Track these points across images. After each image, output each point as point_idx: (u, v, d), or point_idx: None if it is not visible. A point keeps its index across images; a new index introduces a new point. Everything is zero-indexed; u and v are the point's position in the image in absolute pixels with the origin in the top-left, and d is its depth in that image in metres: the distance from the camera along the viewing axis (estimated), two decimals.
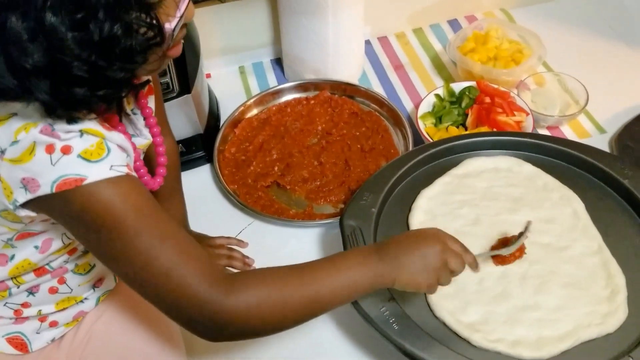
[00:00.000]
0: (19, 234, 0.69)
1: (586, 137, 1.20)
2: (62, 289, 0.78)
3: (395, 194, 0.98)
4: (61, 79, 0.54)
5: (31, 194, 0.59)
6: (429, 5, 1.44)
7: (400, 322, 0.79)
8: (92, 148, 0.59)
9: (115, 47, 0.54)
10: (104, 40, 0.53)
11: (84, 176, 0.58)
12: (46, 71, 0.53)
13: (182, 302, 0.63)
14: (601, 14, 1.48)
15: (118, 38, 0.54)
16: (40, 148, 0.58)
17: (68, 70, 0.53)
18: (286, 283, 0.66)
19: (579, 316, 0.82)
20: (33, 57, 0.52)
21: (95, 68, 0.54)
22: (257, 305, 0.64)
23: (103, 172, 0.59)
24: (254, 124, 1.25)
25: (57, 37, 0.51)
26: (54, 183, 0.58)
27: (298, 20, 1.22)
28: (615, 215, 0.94)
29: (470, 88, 1.19)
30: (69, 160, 0.58)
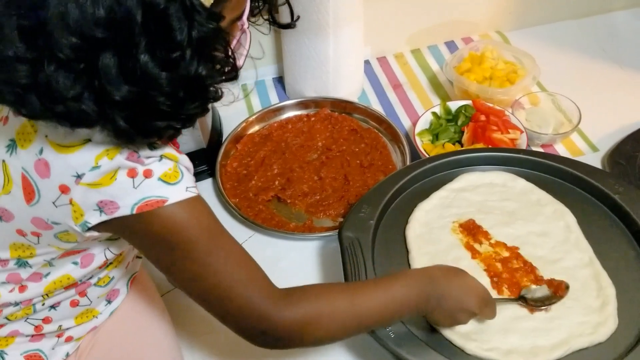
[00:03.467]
0: (64, 252, 0.70)
1: (579, 155, 1.23)
2: (82, 301, 0.79)
3: (392, 207, 1.00)
4: (144, 111, 0.57)
5: (107, 215, 0.62)
6: (427, 28, 1.48)
7: (396, 331, 0.81)
8: (170, 171, 0.62)
9: (200, 85, 0.58)
10: (192, 79, 0.56)
11: (166, 197, 0.61)
12: (131, 104, 0.55)
13: (245, 316, 0.67)
14: (593, 36, 1.52)
15: (204, 77, 0.57)
16: (123, 172, 0.61)
17: (153, 104, 0.56)
18: (338, 301, 0.70)
19: (571, 326, 0.84)
20: (122, 90, 0.54)
21: (178, 103, 0.57)
22: (310, 320, 0.68)
23: (181, 194, 0.62)
24: (256, 139, 1.28)
25: (150, 75, 0.54)
26: (135, 205, 0.61)
27: (300, 39, 1.26)
28: (606, 229, 0.97)
29: (466, 106, 1.22)
30: (151, 183, 0.61)
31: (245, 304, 0.66)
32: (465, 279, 0.78)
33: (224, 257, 0.65)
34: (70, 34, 0.51)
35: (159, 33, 0.53)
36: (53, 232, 0.66)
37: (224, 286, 0.65)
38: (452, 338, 0.83)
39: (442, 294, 0.75)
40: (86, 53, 0.52)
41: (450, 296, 0.76)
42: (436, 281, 0.75)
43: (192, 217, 0.63)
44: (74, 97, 0.54)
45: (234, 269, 0.66)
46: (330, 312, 0.69)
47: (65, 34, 0.51)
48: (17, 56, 0.53)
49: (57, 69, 0.53)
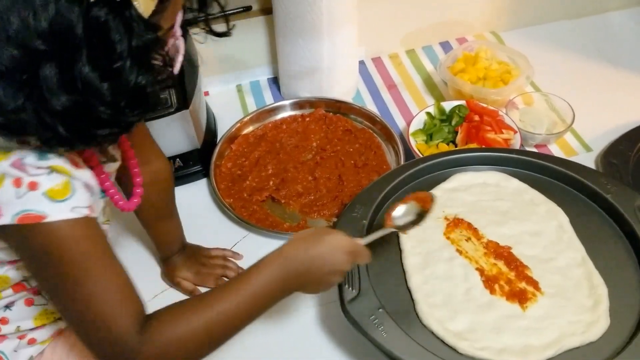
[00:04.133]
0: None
1: (573, 155, 1.23)
2: (37, 300, 0.78)
3: (386, 207, 1.00)
4: (85, 120, 0.57)
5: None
6: (422, 28, 1.49)
7: (389, 330, 0.81)
8: (57, 188, 0.62)
9: (141, 93, 0.59)
10: (133, 88, 0.57)
11: (45, 214, 0.60)
12: (72, 113, 0.56)
13: (106, 349, 0.65)
14: (587, 37, 1.52)
15: (144, 85, 0.58)
16: (9, 180, 0.60)
17: (94, 114, 0.57)
18: (195, 317, 0.67)
19: (563, 325, 0.85)
20: (63, 100, 0.55)
21: (119, 112, 0.58)
22: (170, 347, 0.66)
23: (64, 213, 0.61)
24: (250, 140, 1.28)
25: (91, 86, 0.55)
26: (15, 215, 0.60)
27: (294, 40, 1.26)
28: (598, 228, 0.97)
29: (460, 107, 1.23)
30: (34, 196, 0.60)
31: (108, 337, 0.64)
32: (322, 245, 0.74)
33: (96, 286, 0.63)
34: (11, 45, 0.52)
35: (99, 44, 0.54)
36: None
37: (91, 315, 0.64)
38: (445, 337, 0.83)
39: (303, 269, 0.73)
40: (27, 64, 0.53)
41: (313, 267, 0.74)
42: (293, 260, 0.73)
43: (71, 238, 0.62)
44: (14, 108, 0.55)
45: (104, 300, 0.64)
46: (189, 331, 0.66)
47: (6, 45, 0.52)
48: None
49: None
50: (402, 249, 0.95)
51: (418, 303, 0.87)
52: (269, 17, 1.34)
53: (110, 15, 0.54)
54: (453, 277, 0.90)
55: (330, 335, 0.96)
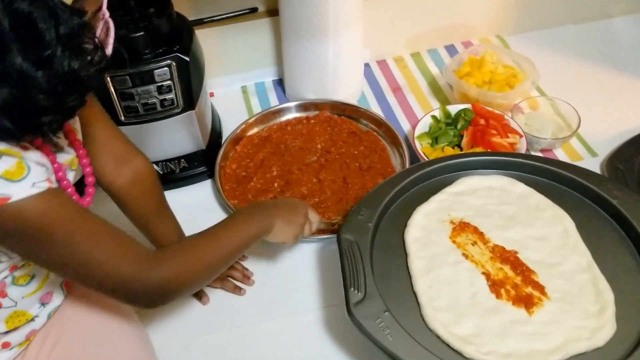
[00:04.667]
0: None
1: (578, 160, 1.23)
2: (5, 302, 0.78)
3: (391, 210, 1.00)
4: (28, 110, 0.60)
5: None
6: (427, 31, 1.49)
7: (394, 333, 0.81)
8: (12, 169, 0.62)
9: (75, 77, 0.61)
10: (67, 73, 0.60)
11: (8, 195, 0.61)
12: (14, 105, 0.58)
13: (120, 285, 0.72)
14: (592, 41, 1.52)
15: (78, 69, 0.61)
16: None
17: (35, 103, 0.59)
18: (197, 248, 0.80)
19: (569, 330, 0.84)
20: (2, 94, 0.57)
21: (58, 98, 0.61)
22: (178, 271, 0.76)
23: (26, 190, 0.62)
24: (255, 141, 1.28)
25: (27, 76, 0.57)
26: None
27: (300, 41, 1.26)
28: (604, 233, 0.97)
29: (466, 110, 1.22)
30: None
31: (118, 274, 0.70)
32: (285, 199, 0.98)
33: (87, 238, 0.68)
34: None
35: (28, 36, 0.57)
36: None
37: (96, 264, 0.69)
38: (450, 341, 0.83)
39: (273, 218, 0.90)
40: None
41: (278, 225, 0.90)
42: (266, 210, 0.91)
43: (44, 209, 0.64)
44: None
45: (99, 247, 0.69)
46: (194, 259, 0.79)
47: None
48: None
49: None
50: (407, 252, 0.94)
51: (423, 307, 0.87)
52: (275, 19, 1.34)
53: (33, 5, 0.56)
54: (459, 281, 0.90)
55: (334, 337, 0.96)
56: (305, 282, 1.04)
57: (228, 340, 0.97)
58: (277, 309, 1.01)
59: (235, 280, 1.04)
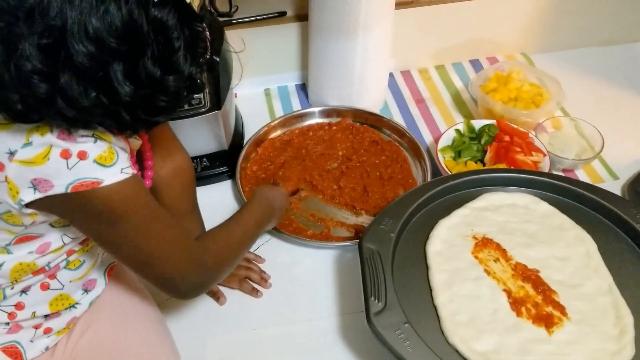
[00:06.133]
0: (17, 237, 0.72)
1: (600, 182, 1.23)
2: (53, 284, 0.80)
3: (413, 222, 1.00)
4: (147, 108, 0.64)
5: (41, 193, 0.64)
6: (453, 45, 1.49)
7: (414, 346, 0.81)
8: (105, 154, 0.65)
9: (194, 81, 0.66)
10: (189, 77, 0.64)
11: (101, 180, 0.65)
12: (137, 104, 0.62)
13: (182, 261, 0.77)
14: (617, 64, 1.52)
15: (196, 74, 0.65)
16: (56, 151, 0.63)
17: (155, 102, 0.63)
18: (229, 230, 0.89)
19: (588, 352, 0.84)
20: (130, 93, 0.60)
21: (177, 99, 0.65)
22: (221, 254, 0.85)
23: (116, 176, 0.66)
24: (277, 144, 1.28)
25: (156, 80, 0.61)
26: (69, 185, 0.64)
27: (327, 47, 1.26)
28: (626, 257, 0.96)
29: (490, 126, 1.22)
30: (85, 165, 0.64)
31: (182, 252, 0.77)
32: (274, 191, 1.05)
33: (161, 225, 0.73)
34: (90, 42, 0.56)
35: (161, 41, 0.60)
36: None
37: (165, 245, 0.74)
38: (470, 357, 0.82)
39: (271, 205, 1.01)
40: (100, 61, 0.57)
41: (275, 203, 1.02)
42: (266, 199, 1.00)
43: (128, 195, 0.68)
44: (89, 105, 0.59)
45: (170, 234, 0.74)
46: (231, 240, 0.88)
47: (85, 42, 0.56)
48: (34, 70, 0.56)
49: (72, 77, 0.57)
50: (428, 265, 0.94)
51: (444, 321, 0.86)
52: (302, 24, 1.35)
53: (170, 14, 0.59)
54: (480, 297, 0.90)
55: (349, 346, 0.96)
56: (322, 289, 1.04)
57: (243, 341, 0.97)
58: (293, 314, 1.01)
59: (253, 282, 1.04)
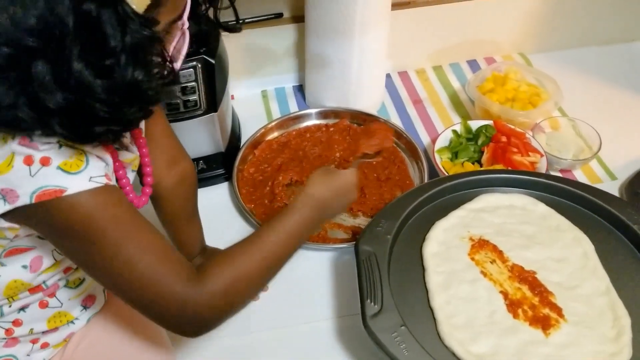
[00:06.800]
0: (6, 250, 0.69)
1: (597, 182, 1.22)
2: (52, 302, 0.78)
3: (410, 223, 1.00)
4: (82, 117, 0.57)
5: (10, 204, 0.60)
6: (450, 45, 1.49)
7: (410, 348, 0.80)
8: (71, 160, 0.61)
9: (137, 90, 0.57)
10: (128, 85, 0.56)
11: (64, 187, 0.59)
12: (68, 111, 0.55)
13: (165, 303, 0.66)
14: (615, 64, 1.52)
15: (140, 82, 0.57)
16: (19, 159, 0.59)
17: (90, 111, 0.56)
18: (242, 256, 0.72)
19: (586, 354, 0.83)
20: (57, 98, 0.54)
21: (116, 108, 0.57)
22: (230, 286, 0.69)
23: (82, 184, 0.60)
24: (274, 146, 1.28)
25: (84, 83, 0.54)
26: (33, 194, 0.59)
27: (324, 49, 1.26)
28: (623, 258, 0.96)
29: (487, 127, 1.22)
30: (48, 172, 0.59)
31: (162, 290, 0.65)
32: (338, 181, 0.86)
33: (134, 246, 0.63)
34: (1, 43, 0.51)
35: (92, 40, 0.53)
36: None
37: (137, 275, 0.64)
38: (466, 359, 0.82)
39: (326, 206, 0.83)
40: (18, 61, 0.52)
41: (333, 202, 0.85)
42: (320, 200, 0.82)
43: (96, 207, 0.61)
44: (8, 105, 0.54)
45: (145, 257, 0.64)
46: (245, 270, 0.71)
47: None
48: None
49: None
50: (425, 267, 0.94)
51: (440, 323, 0.86)
52: (300, 25, 1.34)
53: (101, 9, 0.52)
54: (476, 299, 0.89)
55: (346, 348, 0.95)
56: (319, 291, 1.04)
57: (240, 344, 0.96)
58: (290, 317, 1.00)
59: None
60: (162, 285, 0.65)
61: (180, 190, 0.91)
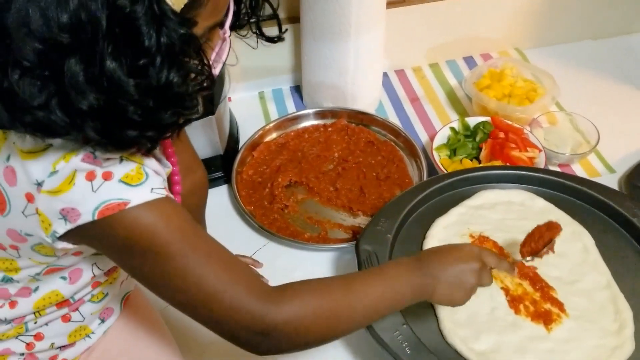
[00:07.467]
0: (47, 268, 0.68)
1: (596, 176, 1.22)
2: (74, 316, 0.76)
3: (410, 221, 1.00)
4: (114, 120, 0.54)
5: (71, 223, 0.59)
6: (446, 42, 1.49)
7: (413, 347, 0.81)
8: (132, 173, 0.59)
9: (171, 93, 0.55)
10: (162, 87, 0.54)
11: (127, 200, 0.58)
12: (100, 113, 0.53)
13: (235, 319, 0.63)
14: (612, 57, 1.52)
15: (174, 85, 0.54)
16: (81, 176, 0.58)
17: (123, 113, 0.54)
18: (333, 292, 0.68)
19: (588, 348, 0.84)
20: (89, 99, 0.52)
21: (149, 112, 0.55)
22: (307, 315, 0.65)
23: (145, 195, 0.59)
24: (272, 147, 1.28)
25: (116, 83, 0.52)
26: (95, 210, 0.58)
27: (320, 49, 1.26)
28: (623, 252, 0.97)
29: (485, 123, 1.22)
30: (110, 186, 0.58)
31: (234, 305, 0.62)
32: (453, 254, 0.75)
33: (203, 258, 0.61)
34: (33, 40, 0.50)
35: (125, 38, 0.51)
36: (29, 244, 0.64)
37: (207, 289, 0.61)
38: (469, 357, 0.82)
39: (435, 282, 0.72)
40: (51, 59, 0.50)
41: (442, 284, 0.73)
42: (426, 270, 0.73)
43: (160, 219, 0.59)
44: (39, 105, 0.52)
45: (215, 269, 0.62)
46: (328, 305, 0.67)
47: (28, 40, 0.49)
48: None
49: (22, 76, 0.51)
50: None
51: (442, 321, 0.86)
52: (295, 26, 1.34)
53: (136, 6, 0.50)
54: (477, 296, 0.87)
55: (348, 347, 0.95)
56: None
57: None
58: None
59: None
60: (234, 299, 0.62)
61: (192, 199, 0.89)
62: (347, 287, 0.69)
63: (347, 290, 0.68)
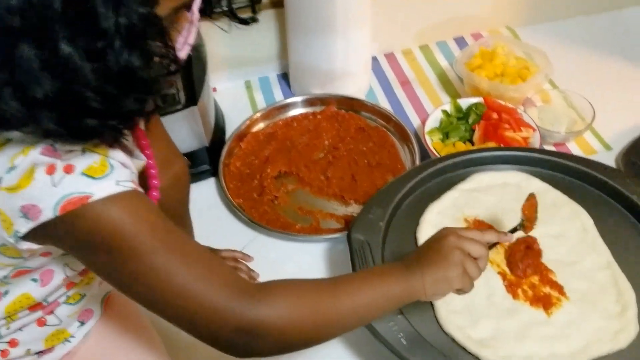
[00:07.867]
0: (15, 270, 0.65)
1: (592, 153, 1.20)
2: (50, 320, 0.73)
3: (403, 208, 0.97)
4: (73, 109, 0.51)
5: (33, 222, 0.55)
6: (436, 23, 1.45)
7: (408, 338, 0.79)
8: (95, 165, 0.56)
9: (133, 78, 0.52)
10: (122, 71, 0.51)
11: (90, 193, 0.54)
12: (57, 101, 0.50)
13: (209, 318, 0.59)
14: (606, 33, 1.49)
15: (136, 69, 0.51)
16: (40, 170, 0.54)
17: (81, 100, 0.50)
18: (319, 293, 0.64)
19: (590, 332, 0.81)
20: (44, 86, 0.49)
21: (110, 99, 0.52)
22: (290, 314, 0.62)
23: (109, 188, 0.55)
24: (260, 138, 1.25)
25: (72, 68, 0.49)
26: (57, 205, 0.54)
27: (306, 35, 1.23)
28: (623, 230, 0.94)
29: (477, 104, 1.19)
30: (72, 179, 0.55)
31: (210, 304, 0.58)
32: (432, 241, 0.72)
33: (174, 254, 0.58)
34: None
35: (81, 20, 0.48)
36: None
37: (179, 288, 0.57)
38: (467, 345, 0.80)
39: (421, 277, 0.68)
40: (1, 45, 0.48)
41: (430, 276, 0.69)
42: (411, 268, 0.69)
43: (127, 213, 0.56)
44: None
45: (189, 266, 0.58)
46: (312, 306, 0.63)
47: None
48: None
49: None
50: None
51: (438, 309, 0.84)
52: (280, 11, 1.31)
53: None
54: None
55: (343, 340, 0.93)
56: None
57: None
58: None
59: None
60: (208, 296, 0.58)
61: (173, 192, 0.87)
62: (334, 290, 0.65)
63: (333, 293, 0.65)
